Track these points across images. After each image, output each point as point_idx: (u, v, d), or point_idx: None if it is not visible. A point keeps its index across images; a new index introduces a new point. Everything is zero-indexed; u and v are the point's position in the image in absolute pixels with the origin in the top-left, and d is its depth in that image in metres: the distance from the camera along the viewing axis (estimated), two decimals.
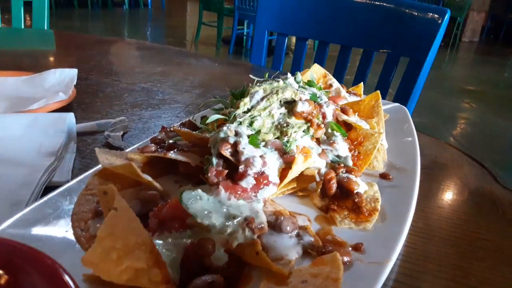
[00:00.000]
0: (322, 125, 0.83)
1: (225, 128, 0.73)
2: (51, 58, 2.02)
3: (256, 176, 0.67)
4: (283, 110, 0.83)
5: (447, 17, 1.76)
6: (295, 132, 0.80)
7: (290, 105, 0.84)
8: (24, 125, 0.94)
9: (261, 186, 0.67)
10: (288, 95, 0.84)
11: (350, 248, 0.62)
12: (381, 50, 1.95)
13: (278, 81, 0.87)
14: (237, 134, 0.72)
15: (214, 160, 0.70)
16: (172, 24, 12.67)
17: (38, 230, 0.62)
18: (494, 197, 0.90)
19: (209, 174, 0.69)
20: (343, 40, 2.05)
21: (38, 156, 0.84)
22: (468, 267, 0.67)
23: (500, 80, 8.03)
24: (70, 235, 0.62)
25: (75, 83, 1.30)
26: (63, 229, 0.63)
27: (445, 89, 6.79)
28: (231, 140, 0.70)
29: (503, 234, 0.77)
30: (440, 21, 1.76)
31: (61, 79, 1.31)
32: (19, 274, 0.45)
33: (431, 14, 1.79)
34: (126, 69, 1.81)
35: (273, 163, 0.70)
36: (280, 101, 0.83)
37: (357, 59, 2.08)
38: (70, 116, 0.97)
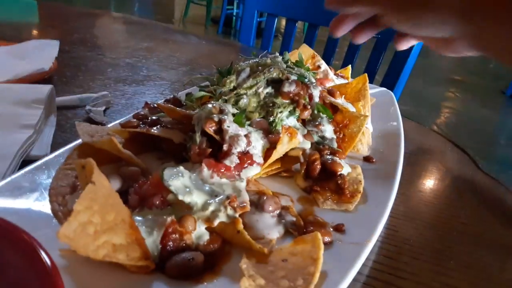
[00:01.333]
0: (309, 106, 0.82)
1: (209, 105, 0.71)
2: (34, 30, 1.95)
3: (240, 155, 0.66)
4: (269, 89, 0.81)
5: None
6: (281, 112, 0.79)
7: (277, 85, 0.82)
8: (2, 96, 0.91)
9: (245, 166, 0.66)
10: (275, 74, 0.83)
11: (331, 229, 0.62)
12: None
13: (266, 60, 0.85)
14: (222, 111, 0.71)
15: (198, 138, 0.69)
16: (160, 1, 12.37)
17: (14, 204, 0.61)
18: (475, 183, 0.91)
19: (191, 152, 0.68)
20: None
21: (16, 128, 0.81)
22: (448, 250, 0.68)
23: (486, 71, 8.12)
24: (47, 210, 0.60)
25: (56, 55, 1.25)
26: (40, 204, 0.62)
27: (431, 78, 6.84)
28: (216, 118, 0.68)
29: (483, 219, 0.78)
30: None
31: (42, 50, 1.26)
32: None
33: None
34: (110, 43, 1.77)
35: (258, 142, 0.69)
36: (267, 80, 0.82)
37: (345, 44, 2.06)
38: (50, 89, 0.94)
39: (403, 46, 0.75)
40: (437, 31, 0.61)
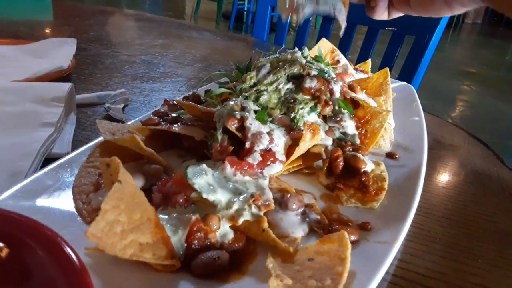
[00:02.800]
0: (330, 102, 0.81)
1: (231, 102, 0.70)
2: (49, 28, 1.96)
3: (262, 153, 0.65)
4: (290, 85, 0.80)
5: None
6: (302, 108, 0.78)
7: (297, 81, 0.81)
8: (23, 94, 0.92)
9: (268, 163, 0.65)
10: (295, 70, 0.81)
11: (357, 227, 0.61)
12: (387, 28, 1.91)
13: (286, 55, 0.84)
14: (243, 108, 0.70)
15: (219, 135, 0.68)
16: None
17: (38, 202, 0.61)
18: (500, 179, 0.89)
19: (213, 150, 0.68)
20: (348, 17, 2.00)
21: (37, 126, 0.82)
22: (475, 249, 0.66)
23: (501, 63, 7.97)
24: (71, 208, 0.60)
25: (74, 53, 1.26)
26: (64, 202, 0.62)
27: (446, 71, 6.74)
28: (238, 115, 0.68)
29: (510, 216, 0.76)
30: None
31: (60, 48, 1.27)
32: (20, 247, 0.44)
33: None
34: (125, 40, 1.77)
35: (280, 140, 0.68)
36: (288, 75, 0.80)
37: (359, 38, 2.04)
38: (70, 86, 0.94)
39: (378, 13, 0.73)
40: None
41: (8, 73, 1.11)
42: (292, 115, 0.76)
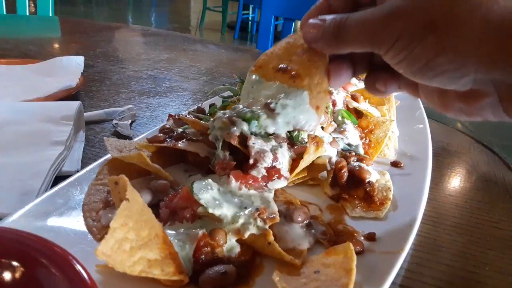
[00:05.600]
0: (332, 122, 0.82)
1: (219, 114, 0.70)
2: (57, 45, 2.01)
3: (267, 169, 0.66)
4: None
5: None
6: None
7: None
8: (33, 114, 0.94)
9: (273, 179, 0.66)
10: None
11: (362, 238, 0.62)
12: None
13: None
14: (233, 123, 0.70)
15: (220, 153, 0.69)
16: (176, 10, 12.55)
17: (50, 221, 0.62)
18: (506, 184, 0.88)
19: (216, 168, 0.69)
20: None
21: (48, 145, 0.84)
22: (482, 256, 0.66)
23: None
24: (82, 226, 0.62)
25: (82, 71, 1.29)
26: (74, 220, 0.63)
27: None
28: (237, 132, 0.68)
29: None
30: None
31: (68, 67, 1.30)
32: (34, 266, 0.45)
33: None
34: (132, 56, 1.80)
35: (285, 158, 0.68)
36: None
37: None
38: (78, 105, 0.97)
39: (382, 91, 0.60)
40: (451, 80, 0.45)
41: (18, 92, 1.14)
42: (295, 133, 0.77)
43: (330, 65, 0.61)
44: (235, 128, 0.67)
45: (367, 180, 0.73)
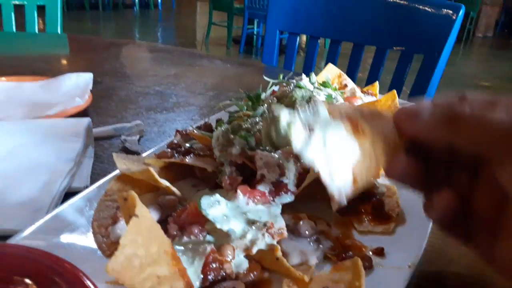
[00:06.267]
0: None
1: (218, 131, 0.71)
2: (65, 62, 2.04)
3: (274, 184, 0.66)
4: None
5: (461, 12, 1.73)
6: None
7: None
8: (43, 131, 0.95)
9: (280, 194, 0.66)
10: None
11: (371, 253, 0.61)
12: (395, 48, 1.93)
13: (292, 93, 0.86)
14: (230, 142, 0.71)
15: (227, 170, 0.70)
16: (182, 25, 12.73)
17: (60, 237, 0.63)
18: None
19: (223, 184, 0.69)
20: (356, 38, 2.04)
21: (57, 162, 0.85)
22: (492, 272, 0.65)
23: None
24: (91, 242, 0.62)
25: (91, 88, 1.31)
26: (84, 236, 0.64)
27: (459, 86, 6.69)
28: (236, 152, 0.69)
29: None
30: (454, 17, 1.73)
31: (77, 84, 1.32)
32: (45, 283, 0.46)
33: (445, 10, 1.77)
34: (139, 72, 1.83)
35: (291, 173, 0.69)
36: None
37: (369, 56, 2.06)
38: (88, 121, 0.98)
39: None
40: None
41: (28, 110, 1.16)
42: None
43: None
44: (233, 148, 0.68)
45: (374, 194, 0.73)
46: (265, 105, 0.87)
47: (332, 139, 0.54)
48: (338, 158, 0.54)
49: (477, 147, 0.43)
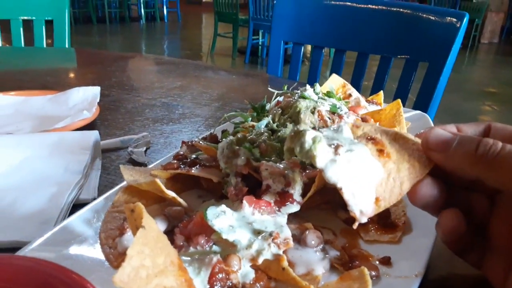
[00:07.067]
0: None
1: (223, 143, 0.72)
2: (73, 76, 2.07)
3: (279, 194, 0.67)
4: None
5: (465, 20, 1.74)
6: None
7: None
8: (51, 144, 0.97)
9: (286, 204, 0.67)
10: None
11: (378, 262, 0.61)
12: (399, 56, 1.93)
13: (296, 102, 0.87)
14: (235, 153, 0.72)
15: (233, 180, 0.70)
16: (188, 37, 12.86)
17: (68, 249, 0.64)
18: None
19: (229, 194, 0.70)
20: (360, 48, 2.05)
21: (65, 174, 0.86)
22: None
23: None
24: (99, 253, 0.63)
25: (98, 100, 1.33)
26: (91, 247, 0.65)
27: (466, 92, 6.67)
28: (242, 162, 0.70)
29: None
30: (458, 25, 1.74)
31: (85, 97, 1.34)
32: None
33: (449, 18, 1.77)
34: (146, 84, 1.85)
35: (297, 183, 0.69)
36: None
37: (374, 64, 2.07)
38: (95, 134, 1.00)
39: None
40: None
41: (36, 124, 1.18)
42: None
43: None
44: (239, 159, 0.69)
45: None
46: (270, 116, 0.88)
47: (356, 158, 0.56)
48: (361, 177, 0.55)
49: (507, 186, 0.46)
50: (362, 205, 0.55)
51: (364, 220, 0.55)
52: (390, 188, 0.56)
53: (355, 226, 0.55)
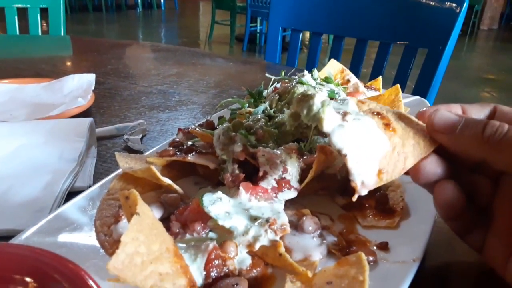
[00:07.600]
0: None
1: (220, 129, 0.71)
2: (69, 64, 2.05)
3: (277, 180, 0.66)
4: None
5: (465, 6, 1.72)
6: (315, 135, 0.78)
7: None
8: (45, 131, 0.96)
9: (283, 190, 0.66)
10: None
11: (375, 247, 0.61)
12: (398, 42, 1.92)
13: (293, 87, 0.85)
14: (231, 139, 0.71)
15: (229, 167, 0.69)
16: (185, 25, 12.74)
17: (62, 237, 0.63)
18: None
19: (225, 181, 0.69)
20: (359, 34, 2.02)
21: (60, 162, 0.85)
22: None
23: None
24: (94, 241, 0.62)
25: (93, 88, 1.31)
26: (86, 235, 0.64)
27: (465, 79, 6.65)
28: (238, 148, 0.69)
29: None
30: (458, 11, 1.72)
31: (80, 85, 1.32)
32: (47, 282, 0.46)
33: (448, 3, 1.75)
34: (142, 71, 1.83)
35: (294, 168, 0.68)
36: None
37: (373, 51, 2.05)
38: (90, 121, 0.98)
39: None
40: None
41: (31, 111, 1.16)
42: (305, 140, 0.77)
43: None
44: (235, 145, 0.68)
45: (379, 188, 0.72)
46: (267, 102, 0.87)
47: (363, 127, 0.55)
48: (367, 147, 0.54)
49: None
50: (364, 175, 0.54)
51: (364, 192, 0.54)
52: (394, 162, 0.55)
53: (354, 198, 0.54)
